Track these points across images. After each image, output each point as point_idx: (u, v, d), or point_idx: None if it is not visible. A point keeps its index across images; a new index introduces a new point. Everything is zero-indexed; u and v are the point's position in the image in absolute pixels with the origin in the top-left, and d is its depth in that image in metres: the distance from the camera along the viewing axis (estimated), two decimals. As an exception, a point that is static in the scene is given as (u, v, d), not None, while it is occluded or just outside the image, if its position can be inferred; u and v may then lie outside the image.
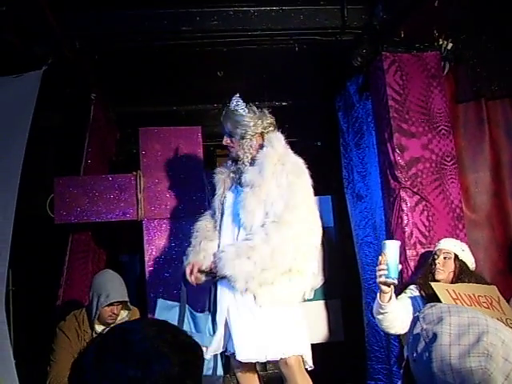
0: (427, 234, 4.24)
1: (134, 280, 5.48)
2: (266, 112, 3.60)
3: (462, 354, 1.15)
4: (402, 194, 4.28)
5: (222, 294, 3.34)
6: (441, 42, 4.49)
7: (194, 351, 1.22)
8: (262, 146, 3.45)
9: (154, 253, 4.45)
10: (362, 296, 5.27)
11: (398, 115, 4.38)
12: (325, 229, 5.47)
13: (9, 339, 3.58)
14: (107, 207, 4.52)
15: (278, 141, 3.47)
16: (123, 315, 3.92)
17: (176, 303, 3.21)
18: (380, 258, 3.27)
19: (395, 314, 3.37)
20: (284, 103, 6.01)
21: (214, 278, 3.37)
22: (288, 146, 3.54)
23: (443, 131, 4.41)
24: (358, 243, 5.38)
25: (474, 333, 1.18)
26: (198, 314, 3.20)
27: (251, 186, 3.32)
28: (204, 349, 3.08)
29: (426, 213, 4.27)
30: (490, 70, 4.51)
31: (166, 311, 3.13)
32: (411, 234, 4.23)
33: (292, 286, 3.28)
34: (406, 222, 4.25)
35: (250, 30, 4.42)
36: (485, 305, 3.36)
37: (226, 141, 3.55)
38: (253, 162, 3.43)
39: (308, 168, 3.51)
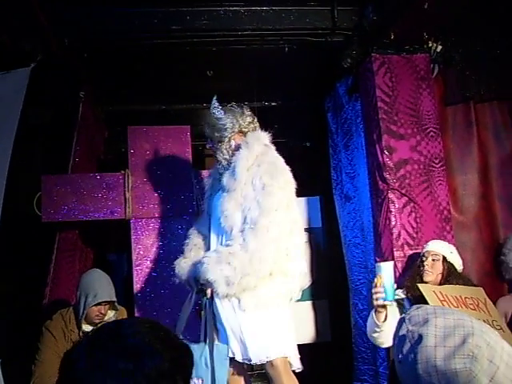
0: (415, 235, 4.25)
1: (122, 279, 5.47)
2: (246, 111, 3.56)
3: (448, 356, 1.15)
4: (391, 195, 4.29)
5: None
6: (430, 45, 4.51)
7: (185, 349, 1.23)
8: (238, 148, 3.41)
9: (141, 252, 4.43)
10: (349, 297, 5.28)
11: (387, 117, 4.39)
12: (313, 230, 5.54)
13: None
14: (95, 206, 4.49)
15: (256, 140, 3.42)
16: (110, 315, 3.90)
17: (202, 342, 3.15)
18: (375, 280, 3.25)
19: (390, 330, 3.38)
20: (273, 103, 6.03)
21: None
22: (270, 145, 3.51)
23: (432, 133, 4.43)
24: (345, 244, 5.39)
25: (459, 335, 1.18)
26: (193, 345, 3.07)
27: (227, 190, 3.31)
28: (199, 380, 3.04)
29: (413, 214, 4.29)
30: (479, 72, 4.55)
31: (199, 358, 3.09)
32: (399, 235, 4.25)
33: (277, 288, 3.28)
34: (393, 223, 4.26)
35: (239, 29, 4.42)
36: (471, 306, 3.38)
37: (208, 144, 3.57)
38: (229, 164, 3.41)
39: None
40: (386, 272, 3.23)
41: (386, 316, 3.33)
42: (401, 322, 1.29)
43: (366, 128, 4.68)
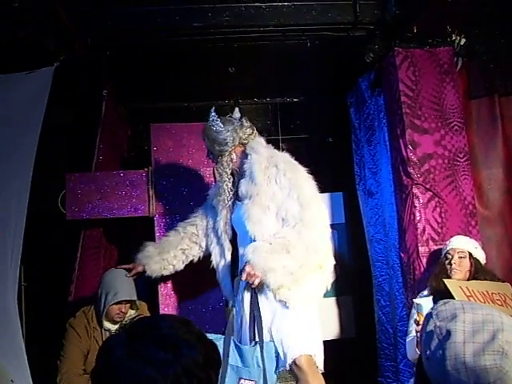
0: (440, 230, 4.22)
1: (145, 276, 5.49)
2: (245, 122, 3.53)
3: (477, 352, 1.14)
4: (415, 190, 4.26)
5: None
6: (454, 38, 4.47)
7: (214, 346, 1.26)
8: (245, 155, 3.44)
9: (165, 249, 4.44)
10: (373, 293, 5.26)
11: (411, 111, 4.35)
12: (336, 225, 5.52)
13: (21, 334, 3.60)
14: (119, 203, 4.52)
15: (259, 145, 3.46)
16: (131, 313, 3.94)
17: (220, 335, 3.11)
18: (417, 318, 3.27)
19: None
20: (295, 99, 6.01)
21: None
22: (270, 146, 3.56)
23: (456, 127, 4.38)
24: (369, 240, 5.36)
25: (488, 330, 1.16)
26: (244, 347, 3.10)
27: (249, 196, 3.32)
28: (253, 383, 3.05)
29: (438, 209, 4.25)
30: (503, 65, 4.49)
31: None
32: (424, 230, 4.21)
33: (316, 283, 3.30)
34: (418, 218, 4.23)
35: (261, 25, 4.40)
36: (498, 302, 3.35)
37: (208, 157, 3.65)
38: (242, 173, 3.43)
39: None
40: (426, 308, 3.22)
41: None
42: (428, 317, 1.28)
43: (389, 123, 4.65)
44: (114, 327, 3.86)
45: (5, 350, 3.46)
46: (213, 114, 3.54)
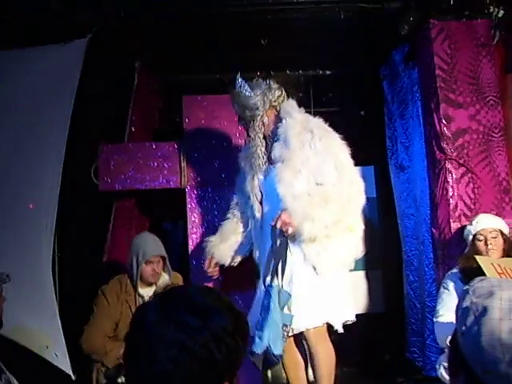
0: (472, 206, 4.17)
1: (177, 247, 5.55)
2: (273, 84, 3.55)
3: (513, 330, 1.14)
4: (448, 165, 4.20)
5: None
6: (491, 10, 4.35)
7: (243, 316, 1.30)
8: (279, 119, 3.44)
9: (196, 220, 4.48)
10: (402, 268, 5.25)
11: (446, 85, 4.28)
12: (367, 199, 5.50)
13: (56, 303, 3.69)
14: (151, 175, 4.56)
15: (293, 109, 3.47)
16: (165, 277, 4.01)
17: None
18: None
19: None
20: (328, 72, 5.95)
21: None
22: (302, 110, 3.55)
23: (491, 102, 4.30)
24: (399, 214, 5.35)
25: (525, 308, 1.16)
26: (285, 292, 3.17)
27: (282, 160, 3.34)
28: (287, 328, 3.12)
29: (471, 185, 4.20)
30: (542, 38, 4.38)
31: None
32: (456, 206, 4.17)
33: (348, 247, 3.35)
34: (451, 194, 4.19)
35: (295, -3, 4.37)
36: (531, 280, 3.31)
37: (239, 123, 3.65)
38: (275, 136, 3.44)
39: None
40: None
41: None
42: (464, 293, 1.27)
43: (423, 97, 4.58)
44: (148, 293, 3.92)
45: (40, 318, 3.55)
46: (239, 79, 3.56)
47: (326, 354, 3.36)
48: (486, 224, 3.70)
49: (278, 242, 3.24)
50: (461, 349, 1.22)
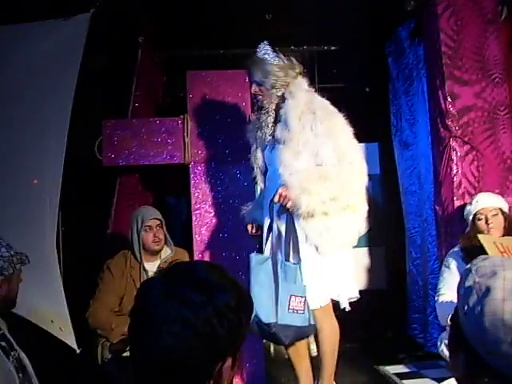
0: (476, 184, 4.16)
1: (180, 222, 5.57)
2: (294, 60, 3.51)
3: (516, 310, 1.14)
4: (452, 143, 4.18)
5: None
6: (500, -14, 4.32)
7: (247, 293, 1.33)
8: (283, 99, 3.41)
9: (200, 196, 4.48)
10: (405, 245, 5.27)
11: (451, 62, 4.24)
12: (371, 176, 5.49)
13: (60, 278, 3.71)
14: (155, 150, 4.55)
15: (298, 89, 3.41)
16: (167, 251, 4.07)
17: (267, 255, 3.22)
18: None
19: None
20: (333, 47, 5.93)
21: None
22: (312, 90, 3.51)
23: (497, 79, 4.26)
24: (403, 192, 5.35)
25: (528, 288, 1.16)
26: (290, 265, 3.18)
27: (283, 141, 3.34)
28: (302, 299, 3.14)
29: (475, 163, 4.18)
30: (551, 15, 4.33)
31: (260, 265, 3.16)
32: (460, 183, 4.16)
33: (350, 227, 3.33)
34: (455, 171, 4.17)
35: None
36: (533, 258, 3.32)
37: (254, 89, 3.51)
38: (278, 116, 3.42)
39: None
40: None
41: None
42: (467, 272, 1.27)
43: (428, 73, 4.54)
44: (152, 268, 3.96)
45: (45, 292, 3.56)
46: (267, 46, 3.51)
47: (330, 331, 3.38)
48: (486, 203, 3.69)
49: (284, 220, 3.26)
50: (462, 328, 1.23)
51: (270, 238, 3.30)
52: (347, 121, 3.40)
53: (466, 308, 1.21)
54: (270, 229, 3.34)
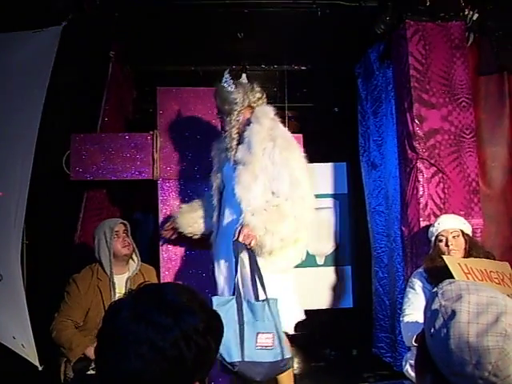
0: (442, 206, 4.23)
1: (147, 238, 5.53)
2: (256, 87, 3.68)
3: (480, 333, 1.16)
4: (419, 164, 4.26)
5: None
6: (466, 13, 4.42)
7: (217, 315, 1.31)
8: (249, 122, 3.56)
9: (168, 212, 4.45)
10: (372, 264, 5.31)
11: (419, 85, 4.33)
12: (339, 196, 5.55)
13: (24, 292, 3.65)
14: (123, 166, 4.52)
15: (264, 116, 3.56)
16: (133, 266, 4.09)
17: (231, 297, 3.25)
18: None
19: None
20: (303, 67, 5.98)
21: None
22: (276, 119, 3.64)
23: (464, 103, 4.36)
24: (370, 211, 5.40)
25: (492, 312, 1.19)
26: (256, 303, 3.22)
27: (243, 163, 3.48)
28: (270, 335, 3.17)
29: (441, 185, 4.26)
30: (515, 42, 4.44)
31: (222, 306, 3.17)
32: (426, 205, 4.22)
33: (293, 255, 3.49)
34: (421, 193, 4.24)
35: (273, -9, 4.37)
36: (496, 281, 3.37)
37: (218, 116, 3.77)
38: (241, 138, 3.57)
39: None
40: None
41: None
42: (433, 295, 1.30)
43: (396, 96, 4.63)
44: (121, 280, 3.97)
45: (8, 308, 3.50)
46: (227, 75, 3.69)
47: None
48: (447, 225, 3.74)
49: (246, 257, 3.34)
50: (429, 350, 1.25)
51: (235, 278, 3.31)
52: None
53: (432, 330, 1.23)
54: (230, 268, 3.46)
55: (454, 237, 3.69)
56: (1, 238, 3.62)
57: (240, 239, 3.26)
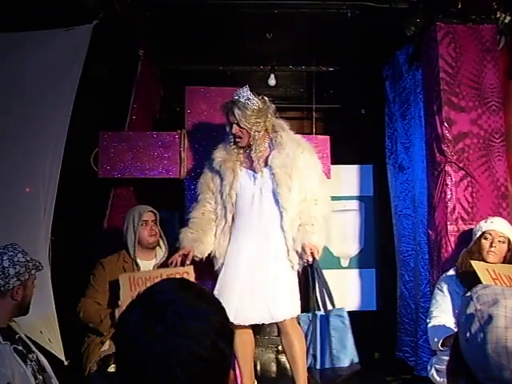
0: (470, 210, 4.19)
1: (173, 236, 5.54)
2: (267, 100, 3.72)
3: (518, 338, 1.15)
4: (448, 168, 4.22)
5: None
6: (498, 15, 4.36)
7: (227, 318, 1.23)
8: (274, 130, 3.71)
9: (194, 211, 4.47)
10: (397, 267, 5.27)
11: (449, 88, 4.29)
12: (364, 198, 5.53)
13: (50, 288, 3.69)
14: (150, 164, 4.55)
15: (283, 125, 3.77)
16: (161, 254, 4.14)
17: (306, 313, 3.66)
18: None
19: None
20: (331, 69, 5.96)
21: None
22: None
23: (494, 107, 4.31)
24: (396, 214, 5.37)
25: (529, 318, 1.18)
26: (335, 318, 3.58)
27: (281, 166, 3.62)
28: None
29: (470, 189, 4.21)
30: (547, 46, 4.39)
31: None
32: (454, 209, 4.19)
33: None
34: (449, 196, 4.20)
35: (303, -8, 4.37)
36: (525, 287, 3.33)
37: (235, 130, 3.65)
38: (272, 145, 3.70)
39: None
40: None
41: None
42: (467, 300, 1.28)
43: (425, 99, 4.59)
44: (148, 266, 4.03)
45: (35, 303, 3.53)
46: (248, 90, 3.69)
47: (300, 342, 3.60)
48: (499, 227, 3.68)
49: (314, 272, 3.59)
50: (463, 354, 1.24)
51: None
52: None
53: (467, 335, 1.22)
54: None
55: (499, 241, 3.63)
56: (30, 232, 3.66)
57: (316, 257, 3.53)
